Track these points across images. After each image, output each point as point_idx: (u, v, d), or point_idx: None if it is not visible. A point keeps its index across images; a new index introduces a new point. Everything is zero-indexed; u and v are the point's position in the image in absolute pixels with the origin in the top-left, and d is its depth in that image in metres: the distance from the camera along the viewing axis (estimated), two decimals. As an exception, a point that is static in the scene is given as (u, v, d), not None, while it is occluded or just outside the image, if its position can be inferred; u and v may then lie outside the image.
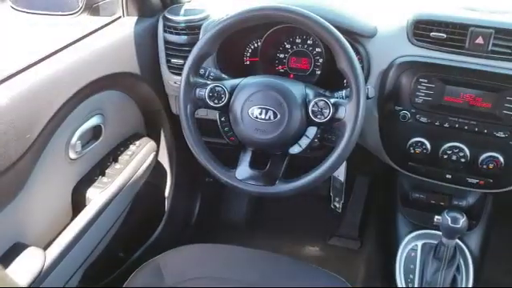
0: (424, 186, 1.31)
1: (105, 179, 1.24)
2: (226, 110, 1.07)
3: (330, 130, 1.11)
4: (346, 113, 0.98)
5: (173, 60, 1.32)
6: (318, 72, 1.28)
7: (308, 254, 1.85)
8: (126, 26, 1.29)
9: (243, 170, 1.06)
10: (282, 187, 1.02)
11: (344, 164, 1.21)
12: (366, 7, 1.26)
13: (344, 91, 1.02)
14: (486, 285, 1.52)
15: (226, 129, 1.08)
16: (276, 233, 1.90)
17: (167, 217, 1.60)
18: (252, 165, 1.07)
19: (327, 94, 1.06)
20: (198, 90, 1.06)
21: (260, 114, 1.02)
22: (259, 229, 1.93)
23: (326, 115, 1.00)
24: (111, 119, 1.27)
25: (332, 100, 1.00)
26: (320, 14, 1.00)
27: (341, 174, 1.21)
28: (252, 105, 1.02)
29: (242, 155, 1.08)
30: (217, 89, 1.05)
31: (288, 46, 1.31)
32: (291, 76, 1.32)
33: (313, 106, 1.01)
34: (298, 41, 1.30)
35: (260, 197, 1.05)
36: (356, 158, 1.30)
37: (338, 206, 1.26)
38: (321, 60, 1.27)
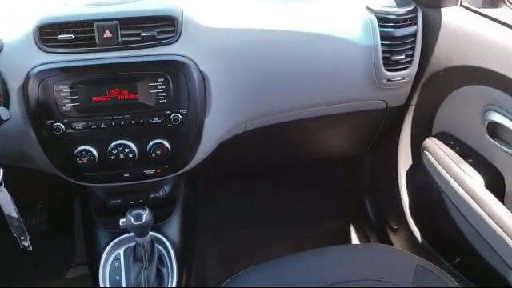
0: (117, 191, 1.25)
1: None
2: None
3: None
4: None
5: None
6: None
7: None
8: None
9: None
10: None
11: (10, 200, 1.06)
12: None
13: None
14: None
15: None
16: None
17: None
18: None
19: None
20: None
21: None
22: None
23: None
24: None
25: None
26: None
27: (12, 210, 1.06)
28: None
29: None
30: None
31: None
32: None
33: None
34: None
35: None
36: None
37: (27, 244, 1.12)
38: None
